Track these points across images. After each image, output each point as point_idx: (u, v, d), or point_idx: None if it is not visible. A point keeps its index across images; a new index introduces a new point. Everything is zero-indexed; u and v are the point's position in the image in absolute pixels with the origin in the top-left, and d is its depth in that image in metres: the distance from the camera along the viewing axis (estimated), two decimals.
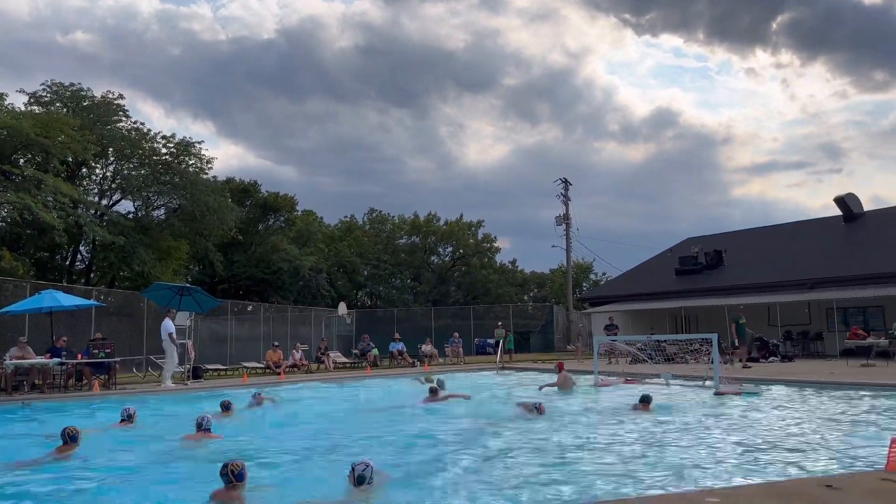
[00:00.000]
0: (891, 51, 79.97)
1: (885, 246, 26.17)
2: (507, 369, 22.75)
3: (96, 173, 35.43)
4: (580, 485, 6.25)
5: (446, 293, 54.70)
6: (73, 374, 16.40)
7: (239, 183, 45.07)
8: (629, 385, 15.49)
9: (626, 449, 7.97)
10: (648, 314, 30.30)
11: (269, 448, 8.64)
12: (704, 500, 4.59)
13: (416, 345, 26.65)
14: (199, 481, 6.25)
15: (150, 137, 34.54)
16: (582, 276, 61.13)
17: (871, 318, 24.74)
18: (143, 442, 8.99)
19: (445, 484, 6.46)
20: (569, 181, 41.72)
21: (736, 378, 14.93)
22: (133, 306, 23.66)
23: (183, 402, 14.19)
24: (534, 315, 44.01)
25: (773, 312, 25.48)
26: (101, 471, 7.23)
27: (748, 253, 31.18)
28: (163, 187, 34.54)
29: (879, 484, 4.93)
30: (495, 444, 8.47)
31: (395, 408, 12.85)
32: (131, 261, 31.70)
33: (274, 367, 21.68)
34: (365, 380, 19.57)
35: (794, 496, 4.63)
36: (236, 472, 5.69)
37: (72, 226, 28.17)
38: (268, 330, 29.70)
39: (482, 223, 57.66)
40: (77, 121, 29.89)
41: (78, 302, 18.03)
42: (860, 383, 13.74)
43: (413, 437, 9.23)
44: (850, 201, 30.74)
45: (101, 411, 12.56)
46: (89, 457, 7.76)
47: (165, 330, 16.86)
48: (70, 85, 32.91)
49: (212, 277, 41.53)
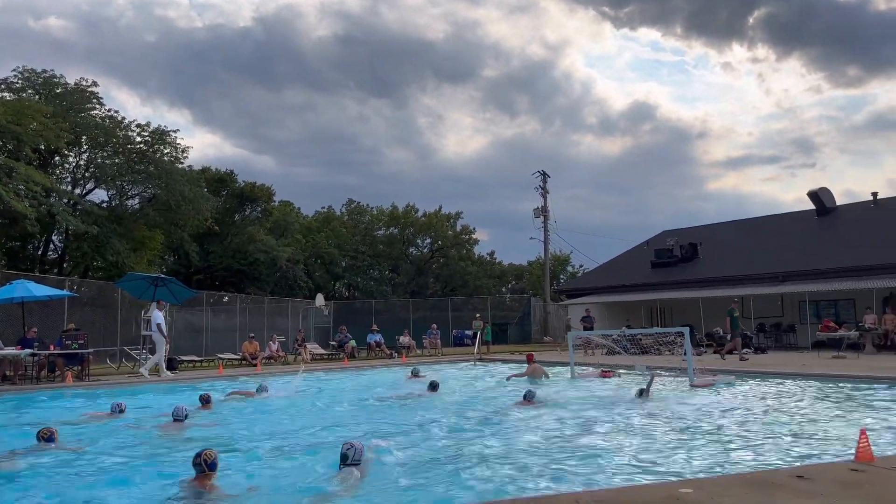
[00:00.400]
0: (864, 47, 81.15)
1: (857, 240, 26.63)
2: (484, 360, 22.83)
3: (69, 162, 34.85)
4: (552, 476, 6.29)
5: (424, 285, 54.72)
6: (45, 366, 16.17)
7: (215, 172, 44.60)
8: (605, 377, 15.61)
9: (600, 440, 8.04)
10: (624, 306, 30.56)
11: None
12: (678, 490, 4.65)
13: (393, 336, 26.64)
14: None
15: (124, 126, 34.03)
16: (559, 268, 61.47)
17: (842, 311, 25.17)
18: (119, 432, 8.92)
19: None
20: (547, 174, 41.97)
21: (710, 370, 15.10)
22: (107, 297, 23.36)
23: (160, 393, 14.05)
24: (511, 307, 44.20)
25: (746, 305, 25.80)
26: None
27: (723, 246, 31.54)
28: (137, 176, 34.06)
29: (849, 474, 5.02)
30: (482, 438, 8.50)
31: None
32: (105, 251, 31.27)
33: (250, 359, 21.55)
34: (343, 371, 19.53)
35: (766, 486, 4.70)
36: (209, 461, 5.74)
37: (44, 215, 27.70)
38: (244, 321, 29.50)
39: (461, 215, 57.78)
40: (50, 108, 29.34)
41: (50, 292, 17.74)
42: (831, 375, 13.97)
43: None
44: (822, 195, 31.21)
45: (76, 401, 12.45)
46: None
47: (154, 321, 16.92)
48: (42, 71, 32.30)
49: (187, 268, 41.10)
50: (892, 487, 4.71)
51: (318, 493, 5.85)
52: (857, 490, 4.57)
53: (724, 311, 22.30)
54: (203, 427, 9.41)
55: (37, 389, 14.39)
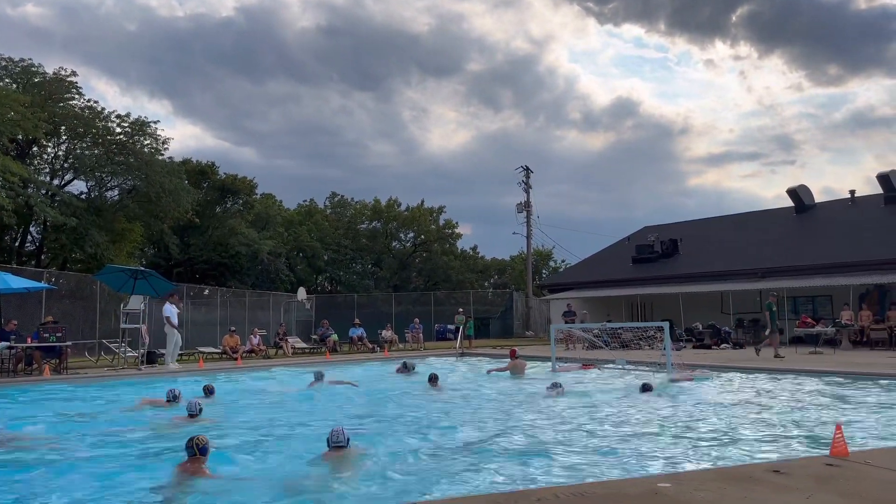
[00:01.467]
0: (844, 46, 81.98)
1: (835, 237, 26.96)
2: (466, 355, 22.88)
3: (48, 152, 34.38)
4: (528, 471, 6.32)
5: (407, 279, 54.65)
6: (22, 359, 15.98)
7: (196, 164, 44.16)
8: (586, 370, 15.72)
9: (576, 434, 8.09)
10: (606, 301, 30.73)
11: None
12: (656, 484, 4.69)
13: (376, 330, 26.60)
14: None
15: (104, 116, 33.58)
16: (542, 263, 61.62)
17: (819, 307, 25.47)
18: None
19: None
20: (530, 169, 41.99)
21: (689, 364, 15.25)
22: (85, 289, 23.13)
23: (138, 387, 13.94)
24: (494, 301, 44.28)
25: (725, 300, 26.05)
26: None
27: (703, 242, 31.80)
28: (117, 168, 33.68)
29: (825, 468, 5.09)
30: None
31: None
32: (84, 243, 30.91)
33: (231, 353, 21.42)
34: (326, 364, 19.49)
35: (743, 480, 4.75)
36: (200, 445, 5.96)
37: (21, 206, 27.32)
38: (225, 314, 29.31)
39: (444, 209, 57.72)
40: (27, 97, 28.88)
41: (28, 284, 17.53)
42: (807, 370, 14.15)
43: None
44: (801, 193, 31.57)
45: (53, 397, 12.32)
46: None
47: (164, 314, 17.84)
48: (20, 60, 31.78)
49: (167, 261, 40.74)
50: (866, 481, 4.78)
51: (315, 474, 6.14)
52: (832, 484, 4.64)
53: (704, 306, 22.54)
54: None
55: (13, 383, 14.21)
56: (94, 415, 10.29)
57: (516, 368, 15.41)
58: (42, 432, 8.65)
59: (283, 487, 5.89)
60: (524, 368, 15.63)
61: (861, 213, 28.55)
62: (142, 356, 18.03)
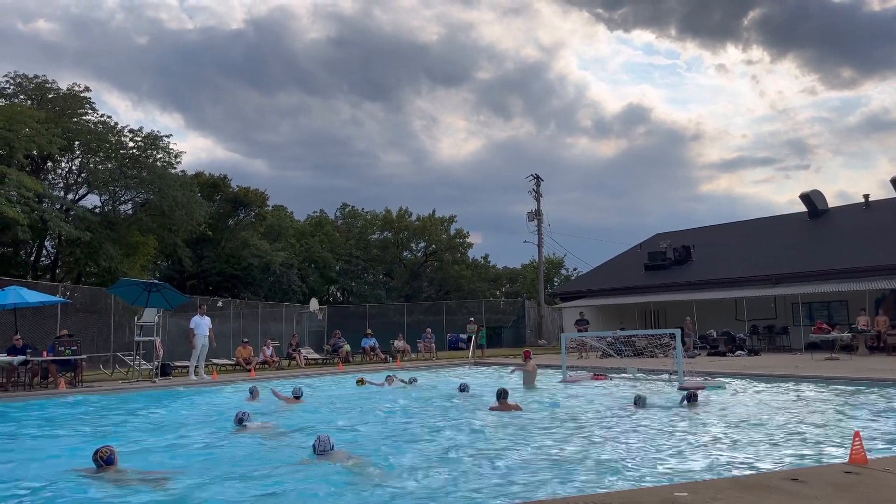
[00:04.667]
0: (857, 48, 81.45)
1: (848, 242, 26.76)
2: (479, 364, 22.84)
3: (62, 167, 34.75)
4: (547, 480, 6.29)
5: (419, 289, 54.70)
6: (38, 373, 16.10)
7: (208, 177, 44.49)
8: (597, 381, 15.62)
9: (592, 444, 8.05)
10: (618, 309, 30.61)
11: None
12: (673, 493, 4.66)
13: (388, 340, 26.60)
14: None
15: (117, 131, 33.94)
16: (553, 271, 61.51)
17: (834, 313, 25.27)
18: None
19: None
20: (540, 177, 41.98)
21: (700, 372, 15.15)
22: (100, 303, 23.28)
23: (150, 399, 14.02)
24: (505, 310, 44.23)
25: (739, 307, 25.89)
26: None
27: (715, 248, 31.65)
28: (130, 181, 33.97)
29: (843, 477, 5.04)
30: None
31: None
32: (98, 256, 31.15)
33: (244, 364, 21.50)
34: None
35: (761, 489, 4.71)
36: (105, 457, 6.54)
37: (36, 221, 27.58)
38: (238, 326, 29.41)
39: (454, 219, 57.81)
40: (42, 113, 29.25)
41: (43, 298, 17.68)
42: (824, 377, 14.03)
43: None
44: (814, 198, 31.38)
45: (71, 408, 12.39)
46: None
47: (190, 325, 18.48)
48: (34, 77, 32.20)
49: (181, 273, 40.99)
50: (885, 490, 4.73)
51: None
52: (850, 492, 4.59)
53: (720, 313, 22.36)
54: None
55: (30, 397, 14.31)
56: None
57: (529, 375, 15.22)
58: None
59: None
60: (535, 373, 15.47)
61: (875, 217, 28.34)
62: (156, 368, 18.14)
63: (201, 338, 18.24)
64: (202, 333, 18.26)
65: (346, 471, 6.68)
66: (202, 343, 18.31)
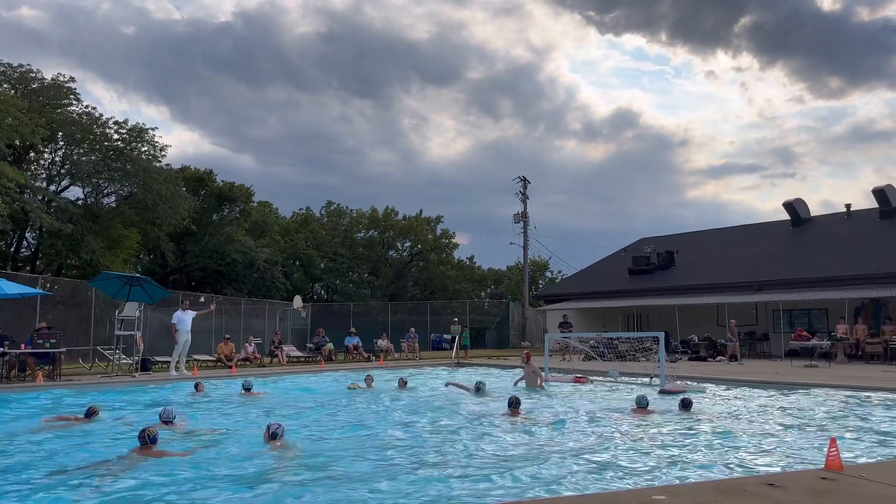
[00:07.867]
0: (846, 58, 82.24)
1: (829, 251, 27.05)
2: (462, 365, 22.84)
3: (45, 158, 34.32)
4: (529, 483, 6.30)
5: (403, 288, 54.63)
6: (15, 365, 15.91)
7: (194, 171, 44.13)
8: (578, 383, 15.67)
9: (575, 446, 8.07)
10: (602, 312, 30.75)
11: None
12: (651, 497, 4.68)
13: (372, 339, 26.55)
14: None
15: (101, 122, 33.57)
16: (538, 273, 61.68)
17: (815, 320, 25.53)
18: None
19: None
20: (528, 179, 42.07)
21: (680, 377, 15.24)
22: (80, 296, 23.04)
23: (137, 394, 13.89)
24: (490, 311, 44.28)
25: (721, 313, 26.08)
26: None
27: (699, 254, 31.88)
28: (114, 174, 33.62)
29: (819, 482, 5.09)
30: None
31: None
32: (79, 249, 30.83)
33: (225, 361, 21.38)
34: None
35: (738, 493, 4.74)
36: (151, 436, 7.13)
37: (17, 212, 27.25)
38: (220, 322, 29.20)
39: (441, 219, 57.79)
40: (25, 103, 28.90)
41: (23, 290, 17.45)
42: (803, 383, 14.16)
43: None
44: (797, 206, 31.71)
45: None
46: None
47: (172, 320, 18.38)
48: (18, 66, 31.83)
49: (163, 268, 40.68)
50: (860, 496, 4.77)
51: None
52: (826, 498, 4.63)
53: (702, 318, 22.51)
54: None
55: (6, 389, 14.13)
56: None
57: (531, 377, 15.04)
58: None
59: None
60: (538, 374, 15.33)
61: (856, 226, 28.66)
62: (136, 363, 17.99)
63: (184, 333, 18.11)
64: (185, 329, 18.15)
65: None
66: (185, 339, 18.19)
